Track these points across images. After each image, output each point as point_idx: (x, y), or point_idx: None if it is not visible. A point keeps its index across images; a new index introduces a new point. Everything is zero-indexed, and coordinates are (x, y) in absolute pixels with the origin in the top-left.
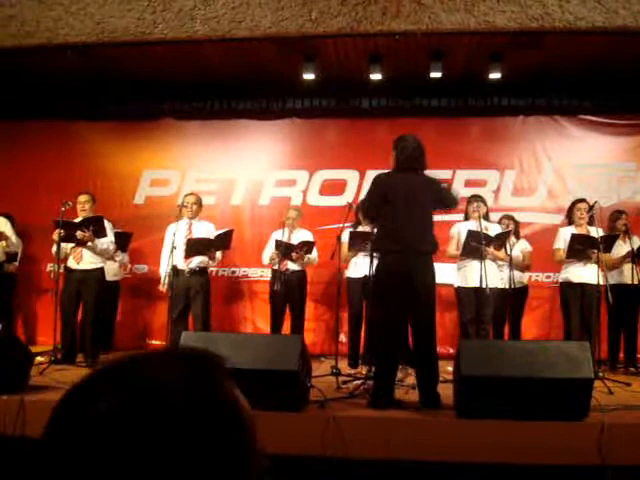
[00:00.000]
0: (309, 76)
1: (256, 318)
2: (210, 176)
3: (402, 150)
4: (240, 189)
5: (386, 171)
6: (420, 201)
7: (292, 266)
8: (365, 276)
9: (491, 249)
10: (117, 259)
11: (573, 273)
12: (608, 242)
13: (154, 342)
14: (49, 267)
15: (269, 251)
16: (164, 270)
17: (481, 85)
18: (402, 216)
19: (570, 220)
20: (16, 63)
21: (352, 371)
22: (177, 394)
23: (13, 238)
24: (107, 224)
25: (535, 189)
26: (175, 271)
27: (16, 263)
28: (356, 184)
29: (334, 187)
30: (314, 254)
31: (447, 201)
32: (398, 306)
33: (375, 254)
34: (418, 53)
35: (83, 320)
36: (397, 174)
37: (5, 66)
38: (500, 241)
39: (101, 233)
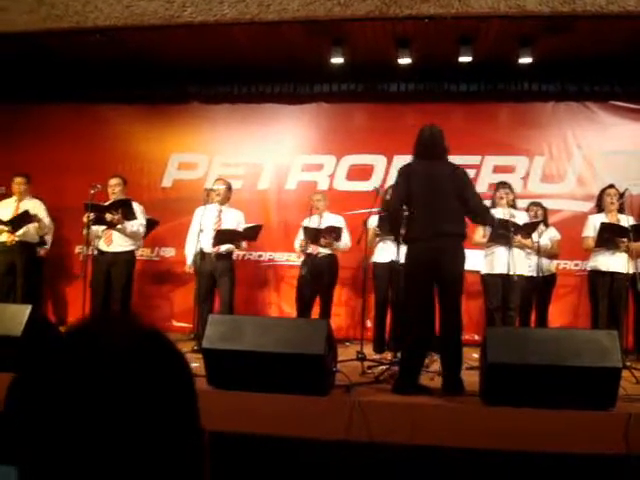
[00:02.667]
0: (337, 60)
1: (282, 302)
2: (237, 160)
3: (417, 139)
4: (267, 173)
5: (407, 162)
6: (443, 187)
7: (323, 250)
8: (392, 261)
9: (519, 237)
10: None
11: (602, 261)
12: (638, 231)
13: (180, 324)
14: (78, 249)
15: (300, 238)
16: (190, 252)
17: (511, 70)
18: (425, 203)
19: (600, 207)
20: (45, 47)
21: (377, 356)
22: (131, 353)
23: (46, 221)
24: (137, 207)
25: (564, 176)
26: (202, 254)
27: (47, 247)
28: (383, 169)
29: (361, 172)
30: (345, 239)
31: (472, 209)
32: (426, 292)
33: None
34: (447, 37)
35: (112, 301)
36: (416, 163)
37: (34, 50)
38: (528, 230)
39: (130, 215)
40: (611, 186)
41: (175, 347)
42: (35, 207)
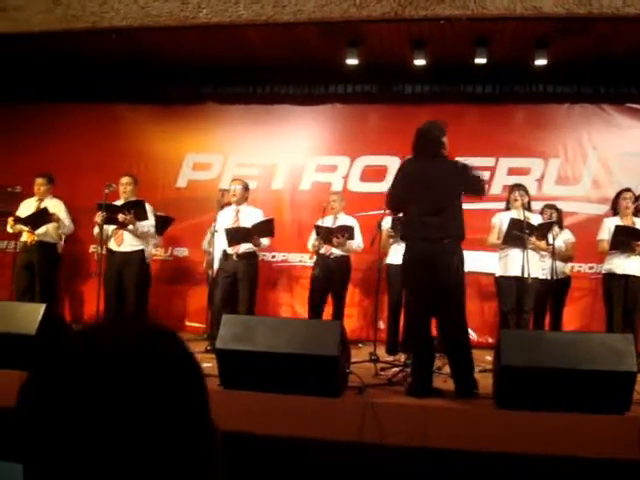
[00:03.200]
0: (352, 61)
1: (295, 303)
2: (252, 161)
3: (414, 136)
4: (281, 174)
5: (406, 158)
6: (439, 186)
7: (335, 251)
8: None
9: (533, 239)
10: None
11: (617, 264)
12: None
13: (193, 324)
14: (92, 248)
15: (313, 238)
16: (218, 255)
17: (526, 72)
18: (421, 202)
19: (615, 211)
20: (61, 47)
21: (390, 358)
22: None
23: (66, 221)
24: (148, 207)
25: (579, 178)
26: (225, 255)
27: (61, 242)
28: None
29: (375, 173)
30: (357, 240)
31: (471, 187)
32: (424, 294)
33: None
34: (463, 39)
35: (126, 301)
36: (415, 161)
37: (51, 49)
38: (543, 231)
39: (142, 216)
40: (627, 189)
41: (187, 347)
42: (55, 207)
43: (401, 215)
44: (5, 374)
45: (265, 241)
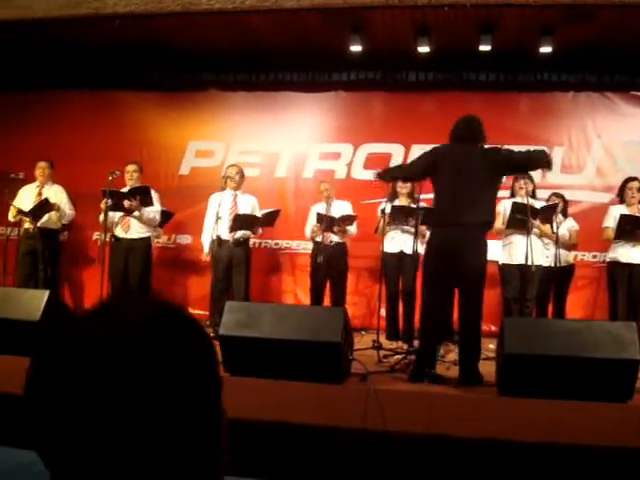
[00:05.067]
0: (356, 48)
1: (298, 290)
2: (254, 148)
3: (453, 125)
4: (284, 162)
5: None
6: (472, 173)
7: (335, 238)
8: (401, 251)
9: (537, 222)
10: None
11: (621, 253)
12: None
13: (196, 311)
14: (95, 235)
15: (310, 224)
16: (207, 240)
17: (531, 59)
18: (452, 188)
19: (621, 199)
20: (64, 33)
21: (393, 345)
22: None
23: (66, 208)
24: (154, 194)
25: (584, 167)
26: (219, 241)
27: (65, 232)
28: (401, 158)
29: (379, 161)
30: (354, 226)
31: (530, 162)
32: (445, 281)
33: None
34: (467, 25)
35: (131, 287)
36: (450, 146)
37: (53, 36)
38: (546, 214)
39: (148, 202)
40: (633, 178)
41: (195, 320)
42: (57, 194)
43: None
44: (9, 360)
45: (260, 229)
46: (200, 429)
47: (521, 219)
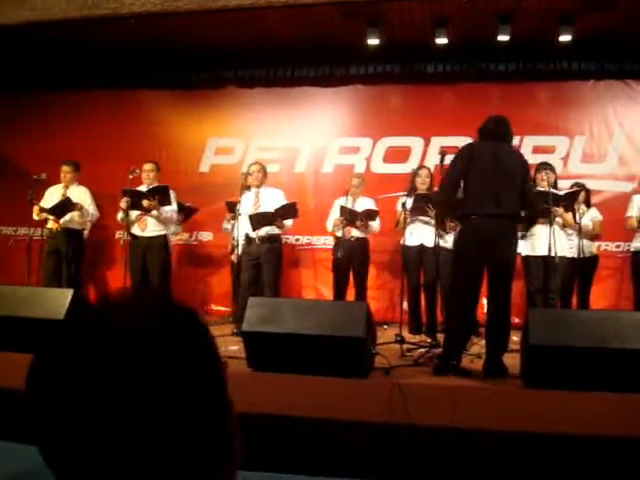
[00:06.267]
0: (373, 42)
1: (319, 285)
2: (274, 144)
3: (483, 123)
4: (304, 157)
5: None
6: (506, 166)
7: (355, 233)
8: (421, 244)
9: (560, 210)
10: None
11: None
12: None
13: (218, 307)
14: (119, 234)
15: (333, 217)
16: (239, 239)
17: (550, 49)
18: (485, 179)
19: None
20: (83, 34)
21: (416, 339)
22: (155, 335)
23: (90, 208)
24: (171, 193)
25: (605, 156)
26: (248, 239)
27: (86, 232)
28: (421, 151)
29: (398, 154)
30: (377, 222)
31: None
32: (476, 274)
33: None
34: (485, 16)
35: (149, 284)
36: (481, 142)
37: (72, 37)
38: (568, 201)
39: (166, 201)
40: None
41: (199, 318)
42: (81, 195)
43: (445, 198)
44: None
45: (288, 222)
46: (204, 427)
47: (543, 208)
